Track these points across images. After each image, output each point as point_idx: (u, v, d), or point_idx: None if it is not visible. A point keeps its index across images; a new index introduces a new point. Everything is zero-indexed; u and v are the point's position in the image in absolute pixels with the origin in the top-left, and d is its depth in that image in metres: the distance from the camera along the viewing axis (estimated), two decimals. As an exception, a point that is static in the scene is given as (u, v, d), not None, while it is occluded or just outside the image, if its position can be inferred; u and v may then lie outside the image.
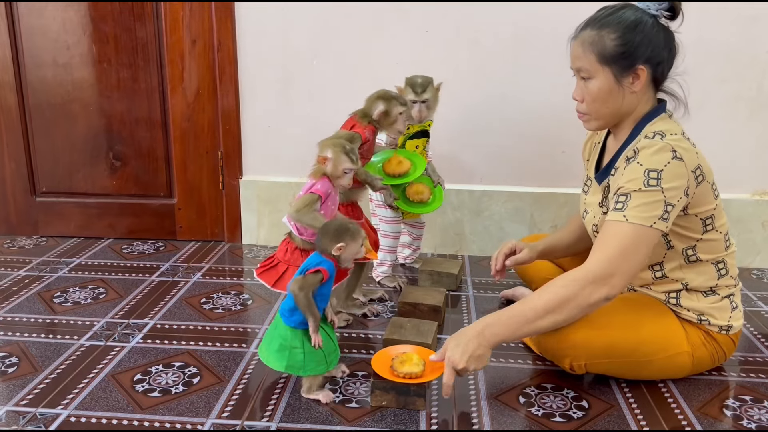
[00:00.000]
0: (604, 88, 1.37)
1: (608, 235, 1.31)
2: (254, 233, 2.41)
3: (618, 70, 1.35)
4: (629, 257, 1.29)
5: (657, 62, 1.36)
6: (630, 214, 1.30)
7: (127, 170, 2.40)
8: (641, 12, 1.35)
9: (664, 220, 1.30)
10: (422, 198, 1.90)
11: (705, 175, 1.36)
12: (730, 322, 1.45)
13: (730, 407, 1.40)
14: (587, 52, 1.37)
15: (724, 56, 2.09)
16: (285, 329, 1.37)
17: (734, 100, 2.13)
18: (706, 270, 1.43)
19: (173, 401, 1.38)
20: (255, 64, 2.26)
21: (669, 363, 1.43)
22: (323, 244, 1.37)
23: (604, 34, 1.35)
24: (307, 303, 1.33)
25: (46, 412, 1.34)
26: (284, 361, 1.36)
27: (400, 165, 1.80)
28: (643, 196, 1.29)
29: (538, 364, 1.56)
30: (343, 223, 1.40)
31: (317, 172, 1.53)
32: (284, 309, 1.37)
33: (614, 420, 1.34)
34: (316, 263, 1.35)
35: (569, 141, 2.18)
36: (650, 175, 1.29)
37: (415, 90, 1.86)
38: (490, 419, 1.33)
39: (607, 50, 1.34)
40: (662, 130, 1.36)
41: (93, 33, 2.27)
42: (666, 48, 1.36)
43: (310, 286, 1.34)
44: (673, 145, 1.31)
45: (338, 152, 1.50)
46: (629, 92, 1.37)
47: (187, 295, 1.94)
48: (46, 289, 1.97)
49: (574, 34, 1.41)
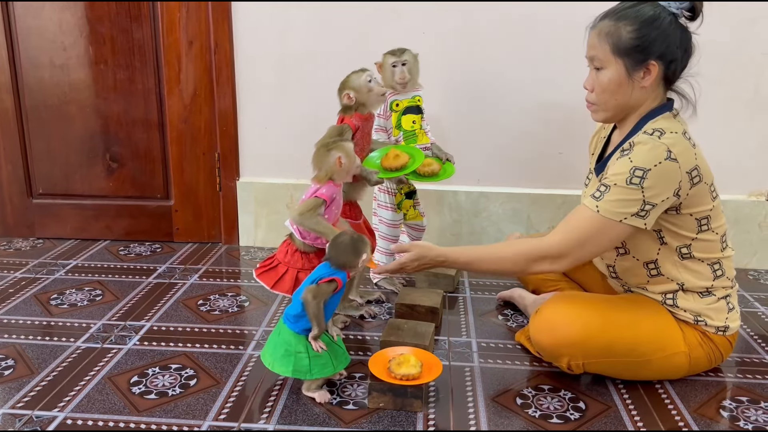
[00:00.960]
0: (615, 79, 1.38)
1: (576, 218, 1.37)
2: (251, 235, 2.41)
3: (630, 63, 1.36)
4: (588, 245, 1.36)
5: (670, 60, 1.36)
6: (603, 206, 1.33)
7: (123, 172, 2.40)
8: (661, 8, 1.36)
9: (640, 217, 1.33)
10: (433, 169, 1.87)
11: (703, 177, 1.36)
12: (727, 323, 1.45)
13: (726, 408, 1.40)
14: (602, 42, 1.37)
15: (721, 58, 2.09)
16: (289, 334, 1.37)
17: (731, 102, 2.14)
18: (701, 270, 1.43)
19: (170, 403, 1.38)
20: (252, 65, 2.26)
21: (666, 363, 1.43)
22: (344, 259, 1.36)
23: (621, 26, 1.35)
24: (317, 311, 1.33)
25: (43, 415, 1.33)
26: (290, 366, 1.36)
27: (397, 158, 1.80)
28: (622, 192, 1.32)
29: (535, 366, 1.56)
30: (356, 238, 1.39)
31: (324, 176, 1.52)
32: (289, 314, 1.38)
33: (611, 421, 1.34)
34: (329, 273, 1.36)
35: (566, 142, 2.18)
36: (635, 173, 1.31)
37: (393, 53, 1.87)
38: (487, 421, 1.33)
39: (622, 42, 1.35)
40: (662, 127, 1.36)
41: (90, 34, 2.26)
42: (681, 47, 1.37)
43: (324, 295, 1.34)
44: (668, 145, 1.32)
45: (349, 151, 1.51)
46: (639, 86, 1.38)
47: (184, 297, 1.94)
48: (42, 291, 1.97)
49: (593, 23, 1.42)
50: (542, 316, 1.45)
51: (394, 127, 1.92)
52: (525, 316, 1.83)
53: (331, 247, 1.39)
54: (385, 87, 1.79)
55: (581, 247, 1.36)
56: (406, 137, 1.92)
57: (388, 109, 1.91)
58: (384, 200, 1.96)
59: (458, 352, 1.62)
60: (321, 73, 2.24)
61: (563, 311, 1.43)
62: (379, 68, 1.89)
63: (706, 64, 2.08)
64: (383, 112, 1.91)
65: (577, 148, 2.17)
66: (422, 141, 1.93)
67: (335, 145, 1.52)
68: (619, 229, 1.34)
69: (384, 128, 1.92)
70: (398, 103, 1.90)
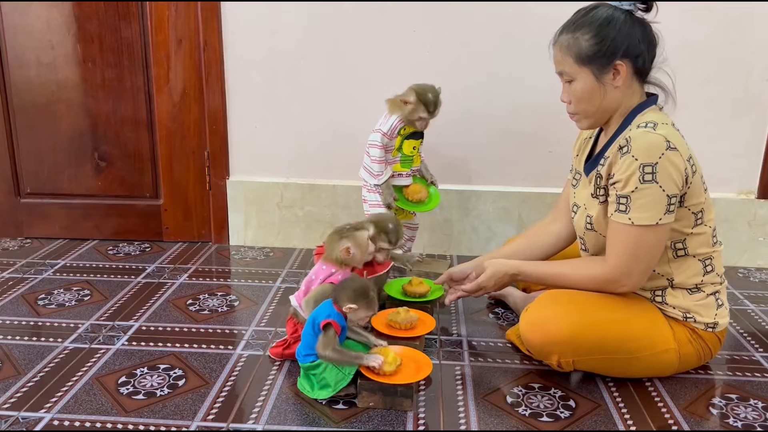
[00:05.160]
0: (587, 88, 1.41)
1: (618, 239, 1.38)
2: (241, 234, 2.40)
3: (597, 69, 1.38)
4: (642, 257, 1.36)
5: (636, 55, 1.38)
6: (635, 216, 1.34)
7: (112, 171, 2.38)
8: (613, 9, 1.38)
9: (670, 213, 1.34)
10: (421, 197, 1.95)
11: (696, 167, 1.38)
12: (716, 320, 1.45)
13: (716, 406, 1.40)
14: (566, 56, 1.41)
15: (709, 57, 2.10)
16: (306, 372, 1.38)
17: (719, 101, 2.14)
18: (692, 266, 1.44)
19: (158, 404, 1.37)
20: (241, 63, 2.24)
21: (655, 360, 1.44)
22: (339, 296, 1.35)
23: (579, 36, 1.38)
24: (340, 356, 1.33)
25: (29, 416, 1.32)
26: (331, 386, 1.35)
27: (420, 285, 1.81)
28: (643, 195, 1.32)
29: (526, 364, 1.56)
30: (365, 286, 1.35)
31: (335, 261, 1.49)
32: (298, 354, 1.39)
33: (601, 420, 1.34)
34: (325, 315, 1.34)
35: (556, 141, 2.18)
36: (645, 170, 1.31)
37: (429, 109, 1.86)
38: (477, 420, 1.33)
39: (583, 51, 1.38)
40: (653, 120, 1.37)
41: (77, 32, 2.24)
42: (644, 40, 1.38)
43: (331, 341, 1.32)
44: (665, 136, 1.33)
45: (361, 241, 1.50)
46: (612, 88, 1.40)
47: (174, 297, 1.93)
48: (30, 291, 1.95)
49: (553, 39, 1.45)
50: (532, 314, 1.45)
51: (395, 148, 1.94)
52: (516, 315, 1.82)
53: (338, 284, 1.39)
54: (403, 118, 1.87)
55: (638, 261, 1.37)
56: (403, 160, 1.95)
57: (395, 132, 1.92)
58: (375, 200, 1.95)
59: (449, 351, 1.62)
60: (311, 71, 2.23)
61: (553, 309, 1.43)
62: (404, 102, 1.87)
63: (694, 63, 2.10)
64: (389, 133, 1.91)
65: (567, 146, 2.16)
66: (416, 163, 1.98)
67: (348, 234, 1.50)
68: (660, 231, 1.35)
69: (386, 147, 1.92)
70: (406, 128, 1.92)
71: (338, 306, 1.35)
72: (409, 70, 2.04)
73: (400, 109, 1.88)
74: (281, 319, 1.78)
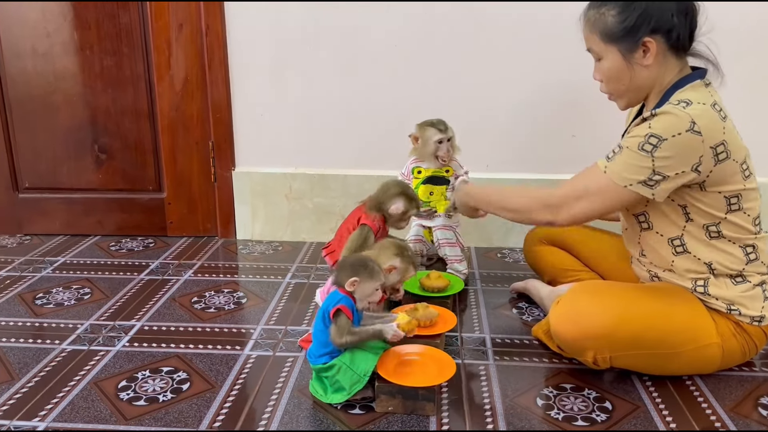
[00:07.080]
0: (614, 66, 1.34)
1: (585, 173, 1.34)
2: (249, 228, 2.30)
3: (624, 47, 1.31)
4: (585, 201, 1.32)
5: (667, 30, 1.29)
6: (611, 168, 1.29)
7: (113, 164, 2.28)
8: None
9: (647, 186, 1.26)
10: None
11: (731, 153, 1.27)
12: (763, 313, 1.34)
13: (765, 406, 1.29)
14: (592, 33, 1.35)
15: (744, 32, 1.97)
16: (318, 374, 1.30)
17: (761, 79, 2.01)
18: (732, 251, 1.33)
19: (160, 410, 1.27)
20: (246, 48, 2.14)
21: (697, 355, 1.33)
22: (339, 277, 1.27)
23: (605, 11, 1.32)
24: (359, 336, 1.25)
25: (22, 425, 1.23)
26: (346, 389, 1.26)
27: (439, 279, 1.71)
28: (632, 157, 1.26)
29: (555, 363, 1.45)
30: (361, 258, 1.31)
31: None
32: (310, 356, 1.30)
33: (641, 422, 1.23)
34: (335, 302, 1.25)
35: (579, 124, 2.07)
36: (650, 140, 1.24)
37: (438, 127, 1.75)
38: (506, 424, 1.22)
39: (609, 28, 1.31)
40: (689, 98, 1.27)
41: (74, 19, 2.14)
42: (680, 13, 1.29)
43: (345, 327, 1.24)
44: (693, 117, 1.23)
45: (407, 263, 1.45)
46: (640, 67, 1.32)
47: (178, 294, 1.83)
48: (28, 290, 1.86)
49: (582, 14, 1.38)
50: (564, 307, 1.34)
51: None
52: (541, 309, 1.72)
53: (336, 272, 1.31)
54: (422, 158, 1.79)
55: (579, 201, 1.32)
56: None
57: (410, 173, 1.83)
58: None
59: (471, 350, 1.51)
60: (319, 54, 2.12)
61: (587, 301, 1.33)
62: (414, 140, 1.78)
63: (729, 40, 1.96)
64: (406, 173, 1.84)
65: (591, 130, 2.06)
66: (439, 210, 1.79)
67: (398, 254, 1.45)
68: (622, 194, 1.29)
69: None
70: (420, 171, 1.82)
71: (343, 289, 1.26)
72: (423, 53, 1.93)
73: (414, 149, 1.80)
74: (291, 316, 1.68)
